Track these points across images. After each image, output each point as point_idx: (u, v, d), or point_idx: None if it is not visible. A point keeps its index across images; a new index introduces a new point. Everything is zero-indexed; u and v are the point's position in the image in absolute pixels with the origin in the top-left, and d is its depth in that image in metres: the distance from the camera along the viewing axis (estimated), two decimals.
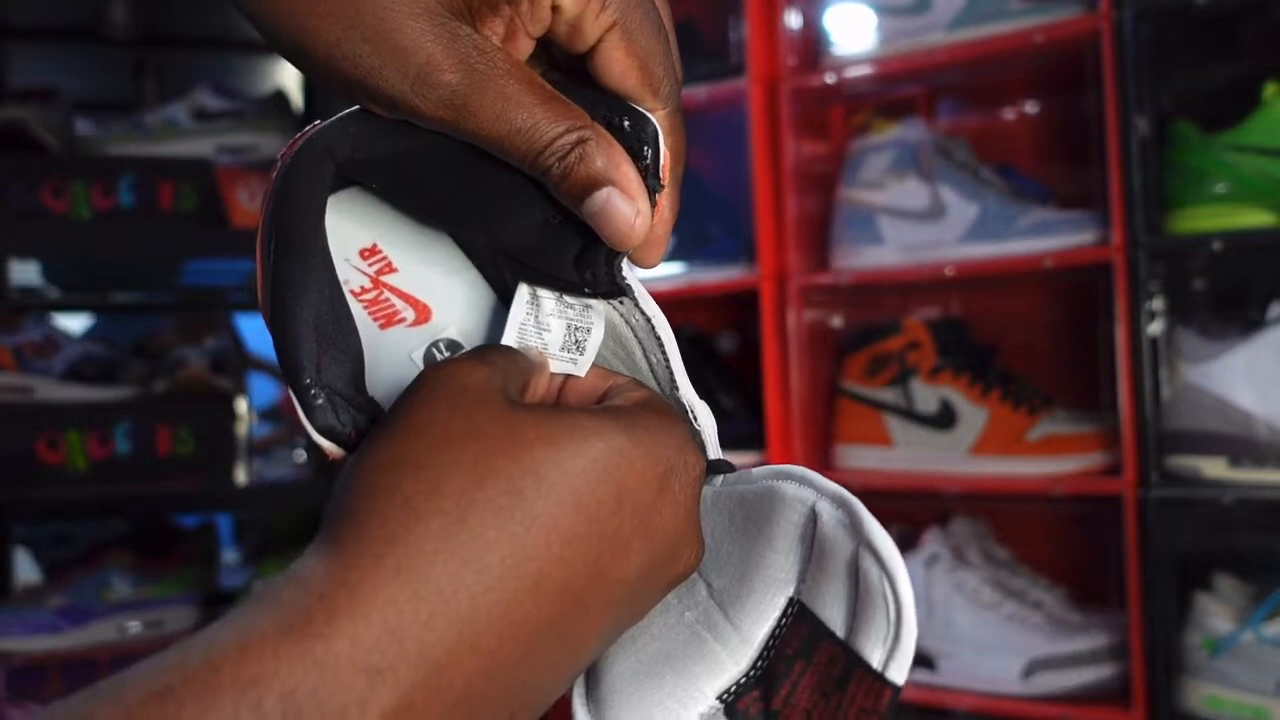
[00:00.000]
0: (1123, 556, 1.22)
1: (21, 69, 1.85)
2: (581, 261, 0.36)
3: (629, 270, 0.36)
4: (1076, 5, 1.27)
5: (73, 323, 1.93)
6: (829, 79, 1.42)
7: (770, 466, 0.34)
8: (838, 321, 1.54)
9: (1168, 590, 1.20)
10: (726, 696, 0.32)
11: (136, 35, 1.69)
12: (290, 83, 1.90)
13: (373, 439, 0.30)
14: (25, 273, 1.91)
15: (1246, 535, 1.23)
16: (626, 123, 0.34)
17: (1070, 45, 1.29)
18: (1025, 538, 1.45)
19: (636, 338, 0.37)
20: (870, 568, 0.30)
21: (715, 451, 0.37)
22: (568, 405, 0.35)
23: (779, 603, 0.32)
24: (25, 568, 1.86)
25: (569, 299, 0.36)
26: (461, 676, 0.27)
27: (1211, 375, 1.18)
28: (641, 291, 0.37)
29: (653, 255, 0.36)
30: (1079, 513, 1.40)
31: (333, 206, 0.36)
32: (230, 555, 2.10)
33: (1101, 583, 1.38)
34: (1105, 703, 1.24)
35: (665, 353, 0.37)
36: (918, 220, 1.39)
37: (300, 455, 1.94)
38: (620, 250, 0.35)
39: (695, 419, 0.37)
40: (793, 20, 1.46)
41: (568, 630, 0.29)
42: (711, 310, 1.64)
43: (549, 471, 0.29)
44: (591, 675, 0.33)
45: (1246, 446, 1.16)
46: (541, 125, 0.32)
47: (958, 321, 1.46)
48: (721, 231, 1.52)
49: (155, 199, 1.46)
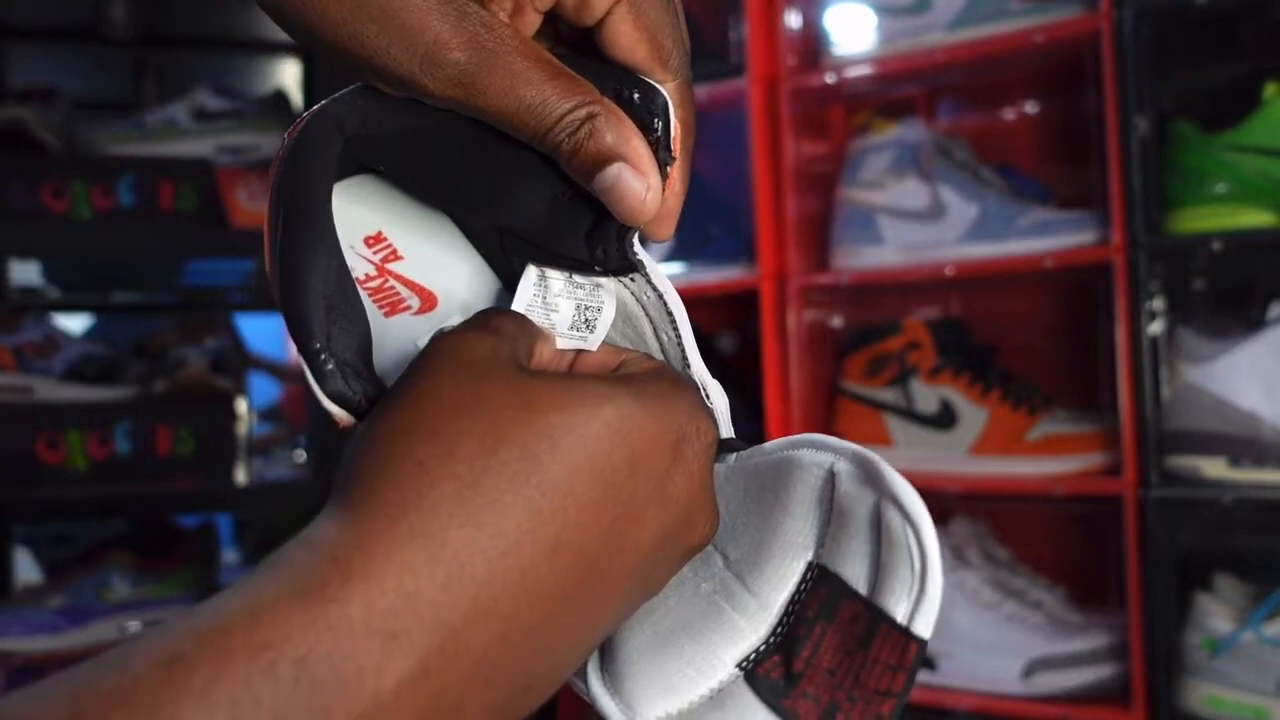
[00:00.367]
0: (1123, 556, 1.22)
1: (21, 69, 1.85)
2: (592, 238, 0.35)
3: (639, 248, 0.36)
4: (1076, 5, 1.27)
5: (73, 323, 1.93)
6: (829, 79, 1.42)
7: (785, 438, 0.34)
8: (838, 321, 1.54)
9: (1168, 590, 1.20)
10: (746, 664, 0.31)
11: (136, 35, 1.69)
12: (290, 83, 1.90)
13: (383, 407, 0.30)
14: (25, 273, 1.91)
15: (1246, 535, 1.23)
16: (636, 95, 0.34)
17: (1070, 45, 1.29)
18: (1025, 538, 1.45)
19: (648, 315, 0.37)
20: (893, 518, 0.29)
21: (728, 430, 0.36)
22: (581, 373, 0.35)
23: (798, 568, 0.32)
24: (25, 568, 1.86)
25: (578, 279, 0.36)
26: (479, 642, 0.27)
27: (1212, 375, 1.18)
28: (653, 267, 0.36)
29: (665, 228, 0.36)
30: (1079, 513, 1.40)
31: (339, 193, 0.36)
32: (230, 555, 2.10)
33: (1101, 583, 1.38)
34: (1105, 703, 1.24)
35: (677, 329, 0.36)
36: (918, 220, 1.39)
37: (300, 455, 1.94)
38: (632, 225, 0.34)
39: (708, 396, 0.36)
40: (793, 20, 1.46)
41: (585, 597, 0.29)
42: (711, 310, 1.64)
43: (563, 436, 0.29)
44: (606, 649, 0.33)
45: (1247, 446, 1.16)
46: (551, 101, 0.32)
47: (958, 321, 1.46)
48: (721, 231, 1.52)
49: (155, 199, 1.46)
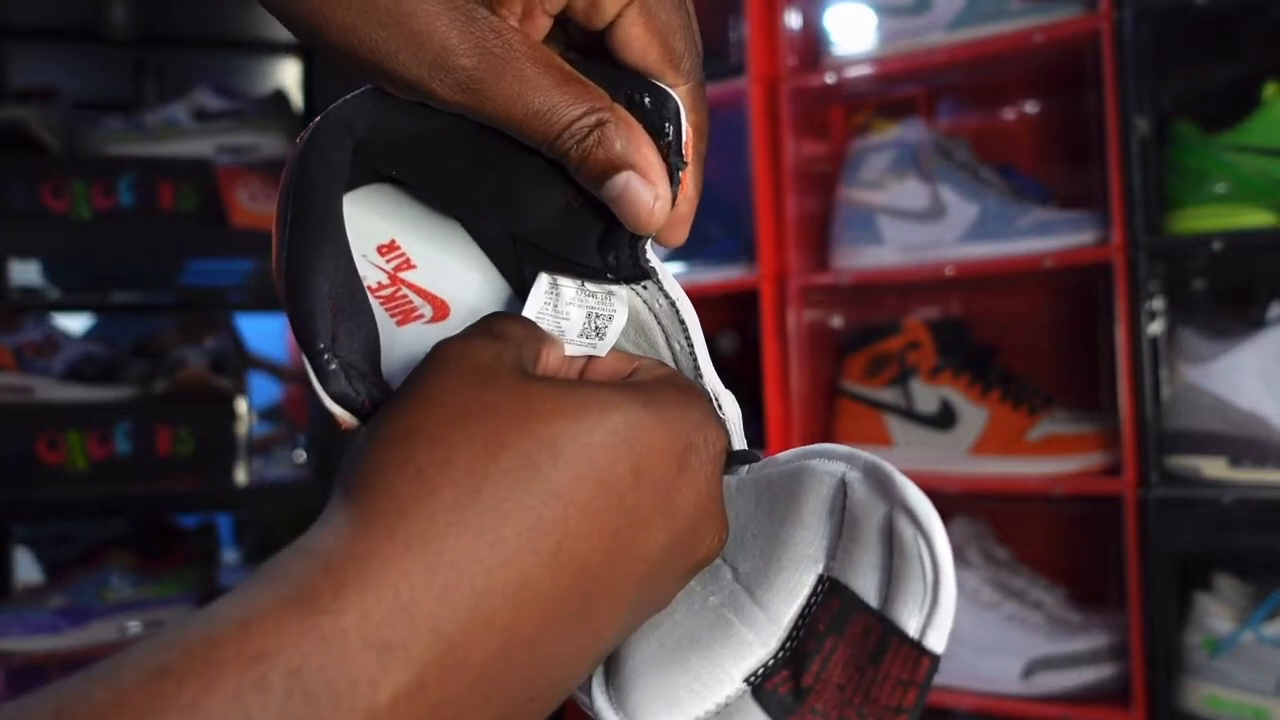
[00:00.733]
0: (1123, 556, 1.22)
1: (21, 69, 1.85)
2: (604, 245, 0.35)
3: (653, 254, 0.36)
4: (1076, 5, 1.27)
5: (73, 323, 1.93)
6: (829, 79, 1.42)
7: (797, 449, 0.33)
8: (838, 321, 1.54)
9: (1168, 590, 1.20)
10: (754, 679, 0.30)
11: (136, 35, 1.69)
12: (290, 83, 1.90)
13: (384, 412, 0.30)
14: (25, 273, 1.91)
15: (1246, 535, 1.23)
16: (647, 100, 0.34)
17: (1070, 45, 1.29)
18: (1025, 538, 1.45)
19: (659, 324, 0.36)
20: (905, 528, 0.29)
21: (740, 440, 0.36)
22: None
23: (808, 581, 0.31)
24: (25, 568, 1.85)
25: (590, 286, 0.35)
26: (477, 654, 0.26)
27: (1212, 375, 1.18)
28: (666, 274, 0.36)
29: (677, 234, 0.35)
30: (1079, 513, 1.40)
31: (351, 202, 0.36)
32: (230, 555, 2.10)
33: (1101, 583, 1.38)
34: (1105, 703, 1.24)
35: (689, 337, 0.36)
36: (918, 220, 1.39)
37: (300, 455, 1.94)
38: (641, 234, 0.34)
39: (720, 407, 0.36)
40: (793, 20, 1.46)
41: (588, 608, 0.28)
42: (711, 310, 1.64)
43: (566, 444, 0.28)
44: (611, 661, 0.32)
45: (1247, 446, 1.16)
46: (559, 107, 0.32)
47: (958, 321, 1.46)
48: (721, 231, 1.52)
49: (155, 199, 1.46)
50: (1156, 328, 1.22)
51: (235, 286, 1.95)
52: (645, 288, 0.36)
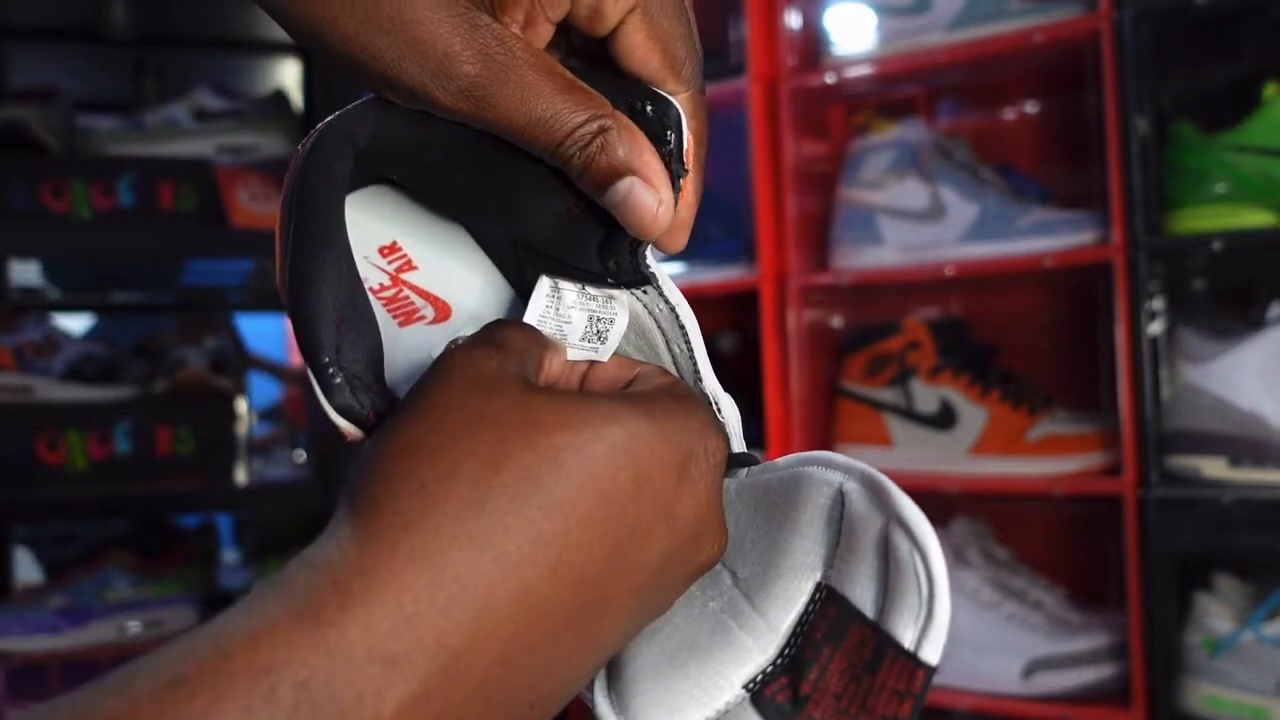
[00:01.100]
0: (1123, 556, 1.22)
1: (21, 69, 1.85)
2: (604, 250, 0.35)
3: (652, 260, 0.36)
4: (1076, 5, 1.27)
5: (73, 323, 1.93)
6: (829, 79, 1.42)
7: (796, 455, 0.33)
8: (838, 321, 1.54)
9: (1168, 590, 1.20)
10: (752, 685, 0.31)
11: (136, 35, 1.69)
12: (290, 83, 1.90)
13: (388, 425, 0.30)
14: (25, 273, 1.91)
15: (1246, 535, 1.23)
16: (649, 108, 0.34)
17: (1070, 45, 1.29)
18: (1025, 538, 1.45)
19: (660, 328, 0.37)
20: (900, 542, 0.29)
21: (740, 444, 0.36)
22: (590, 391, 0.35)
23: (806, 588, 0.31)
24: (25, 568, 1.86)
25: (591, 290, 0.36)
26: (479, 665, 0.27)
27: (1212, 375, 1.18)
28: (665, 279, 0.36)
29: (677, 240, 0.35)
30: (1079, 513, 1.40)
31: (353, 204, 0.36)
32: (230, 555, 2.10)
33: (1101, 583, 1.38)
34: (1105, 703, 1.24)
35: (689, 343, 0.36)
36: (918, 220, 1.39)
37: (300, 455, 1.94)
38: (644, 239, 0.34)
39: (719, 410, 0.36)
40: (793, 20, 1.46)
41: (589, 618, 0.29)
42: (711, 310, 1.64)
43: (567, 457, 0.28)
44: (613, 666, 0.33)
45: (1246, 446, 1.16)
46: (562, 115, 0.32)
47: (958, 321, 1.46)
48: (721, 231, 1.52)
49: (155, 199, 1.46)
50: (1156, 328, 1.22)
51: (235, 286, 1.95)
52: (645, 293, 0.36)
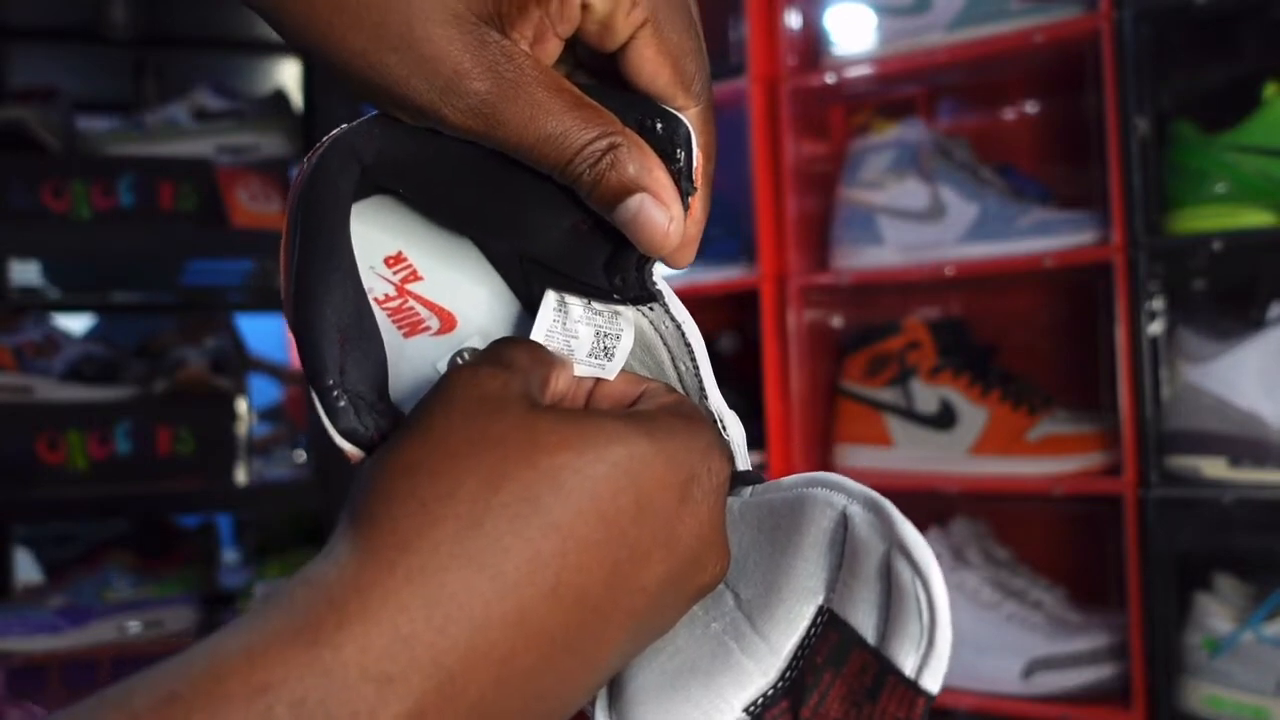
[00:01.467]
0: (1123, 556, 1.22)
1: (21, 69, 1.85)
2: (611, 267, 0.35)
3: (659, 276, 0.36)
4: (1076, 5, 1.27)
5: (73, 323, 1.93)
6: (829, 79, 1.42)
7: (801, 475, 0.33)
8: (838, 321, 1.54)
9: (1168, 590, 1.20)
10: (753, 709, 0.31)
11: (136, 35, 1.69)
12: (290, 83, 1.90)
13: (390, 444, 0.30)
14: (25, 273, 1.91)
15: (1246, 535, 1.23)
16: (659, 125, 0.34)
17: (1070, 45, 1.29)
18: (1025, 538, 1.45)
19: (665, 345, 0.37)
20: (903, 570, 0.29)
21: (745, 463, 0.36)
22: (597, 409, 0.35)
23: (808, 612, 0.31)
24: (25, 568, 1.86)
25: (597, 305, 0.36)
26: (475, 685, 0.27)
27: (1212, 375, 1.18)
28: (672, 297, 0.36)
29: (685, 256, 0.35)
30: (1079, 513, 1.40)
31: (359, 214, 0.36)
32: (230, 555, 2.10)
33: (1101, 583, 1.38)
34: (1105, 703, 1.24)
35: (695, 360, 0.36)
36: (918, 220, 1.39)
37: (300, 455, 1.94)
38: (655, 256, 0.34)
39: (725, 429, 0.36)
40: (793, 20, 1.46)
41: (586, 640, 0.29)
42: (711, 310, 1.64)
43: (568, 477, 0.28)
44: (614, 686, 0.32)
45: (1246, 446, 1.16)
46: (572, 132, 0.32)
47: (958, 321, 1.46)
48: (721, 231, 1.52)
49: (155, 199, 1.46)
50: (1156, 328, 1.22)
51: (235, 286, 1.95)
52: (652, 309, 0.36)
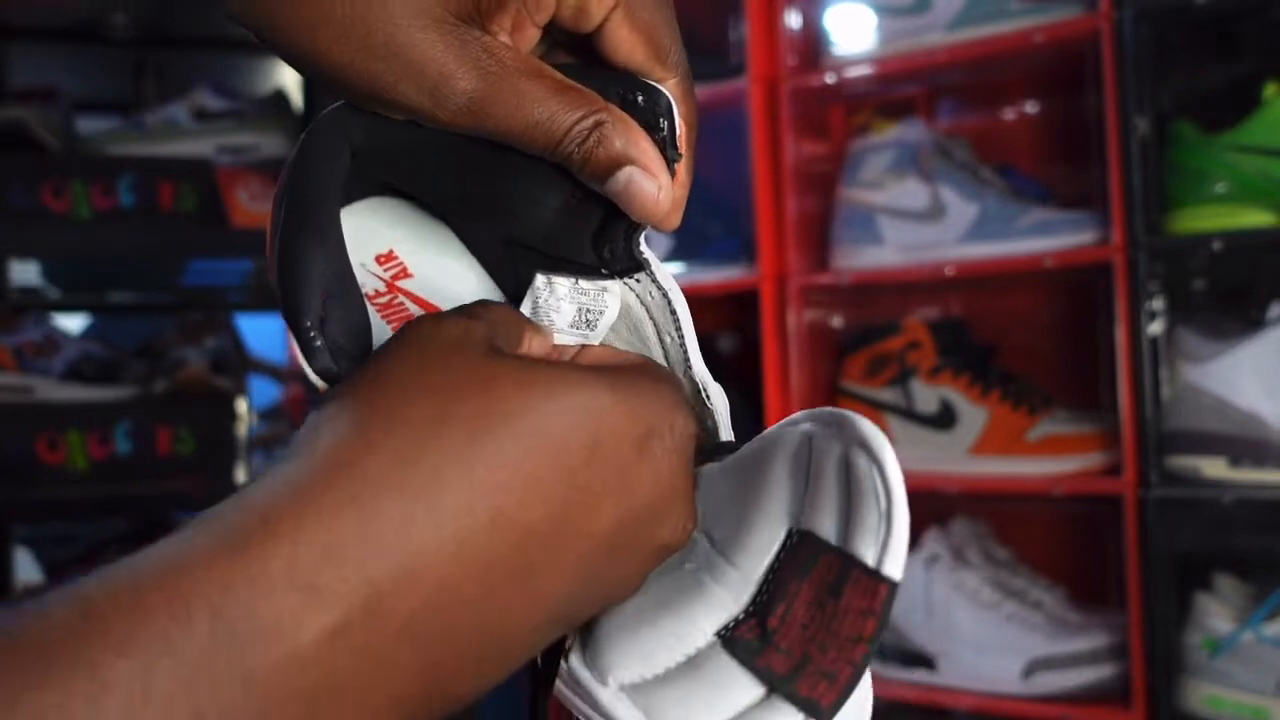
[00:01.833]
0: (1123, 556, 1.22)
1: (21, 69, 1.85)
2: (599, 239, 0.36)
3: (646, 248, 0.37)
4: (1076, 5, 1.27)
5: (73, 323, 1.93)
6: (829, 79, 1.42)
7: (774, 425, 0.34)
8: (838, 321, 1.54)
9: (1168, 590, 1.20)
10: (724, 631, 0.31)
11: (136, 35, 1.69)
12: (290, 83, 1.90)
13: (346, 380, 0.31)
14: (25, 273, 1.91)
15: (1246, 535, 1.23)
16: (640, 98, 0.35)
17: (1070, 45, 1.29)
18: (1025, 538, 1.45)
19: (651, 316, 0.38)
20: (859, 461, 0.30)
21: (727, 433, 0.37)
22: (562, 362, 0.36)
23: (779, 536, 0.32)
24: (25, 568, 1.85)
25: (584, 284, 0.37)
26: (405, 606, 0.27)
27: (1212, 375, 1.18)
28: (658, 266, 0.37)
29: (673, 220, 0.37)
30: (1079, 513, 1.40)
31: (352, 214, 0.37)
32: None
33: (1101, 583, 1.38)
34: (1105, 703, 1.24)
35: (680, 330, 0.37)
36: (918, 220, 1.39)
37: None
38: (647, 223, 0.35)
39: (709, 398, 0.37)
40: (793, 20, 1.46)
41: (531, 576, 0.29)
42: (711, 310, 1.64)
43: (519, 416, 0.29)
44: (588, 631, 0.33)
45: (1246, 446, 1.16)
46: (558, 115, 0.33)
47: (958, 321, 1.46)
48: (721, 231, 1.52)
49: (155, 199, 1.46)
50: (1156, 328, 1.22)
51: (235, 286, 1.95)
52: (639, 280, 0.37)
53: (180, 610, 0.24)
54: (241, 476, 1.58)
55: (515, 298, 0.38)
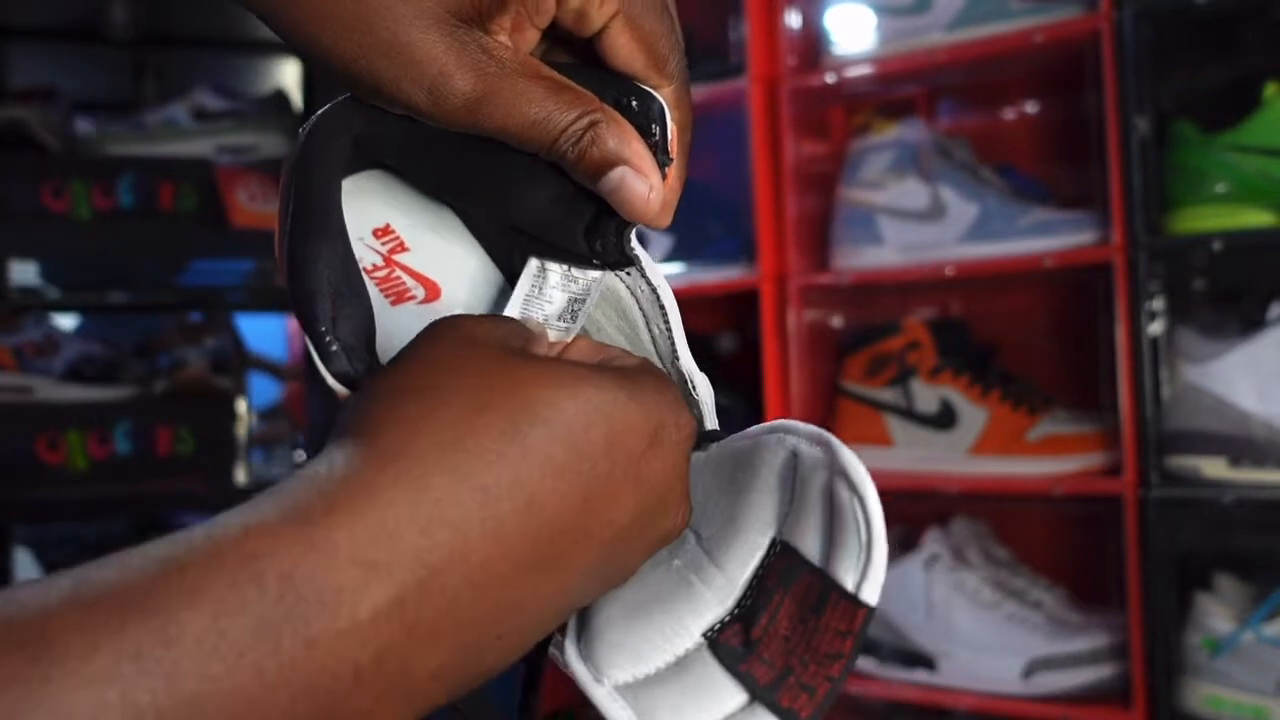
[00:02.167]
0: (1123, 556, 1.22)
1: (21, 69, 1.85)
2: (592, 233, 0.38)
3: (636, 243, 0.38)
4: (1076, 5, 1.27)
5: (72, 323, 1.93)
6: (829, 79, 1.42)
7: (759, 425, 0.35)
8: (838, 321, 1.54)
9: (1168, 590, 1.20)
10: (710, 634, 0.33)
11: (136, 35, 1.69)
12: (290, 83, 1.90)
13: (379, 373, 0.33)
14: (25, 273, 1.91)
15: (1246, 535, 1.23)
16: (634, 103, 0.36)
17: (1070, 45, 1.29)
18: (1025, 538, 1.45)
19: (641, 309, 0.39)
20: (841, 490, 0.31)
21: (712, 422, 0.38)
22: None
23: (762, 544, 0.33)
24: (25, 568, 1.85)
25: (575, 272, 0.38)
26: (452, 584, 0.28)
27: (1211, 375, 1.18)
28: (648, 261, 0.38)
29: (664, 220, 0.38)
30: (1079, 513, 1.40)
31: (349, 187, 0.38)
32: None
33: (1101, 583, 1.38)
34: (1105, 703, 1.24)
35: (668, 323, 0.38)
36: (918, 220, 1.39)
37: (300, 455, 1.94)
38: (637, 222, 0.37)
39: (694, 389, 0.38)
40: (793, 20, 1.46)
41: (556, 560, 0.31)
42: (711, 310, 1.64)
43: (544, 408, 0.30)
44: (583, 618, 0.34)
45: (1246, 446, 1.16)
46: (554, 115, 0.34)
47: (958, 321, 1.46)
48: (721, 231, 1.52)
49: (155, 199, 1.47)
50: (1156, 328, 1.22)
51: (235, 286, 1.95)
52: (629, 274, 0.38)
53: (252, 568, 0.26)
54: (241, 476, 1.58)
55: (509, 275, 0.39)
